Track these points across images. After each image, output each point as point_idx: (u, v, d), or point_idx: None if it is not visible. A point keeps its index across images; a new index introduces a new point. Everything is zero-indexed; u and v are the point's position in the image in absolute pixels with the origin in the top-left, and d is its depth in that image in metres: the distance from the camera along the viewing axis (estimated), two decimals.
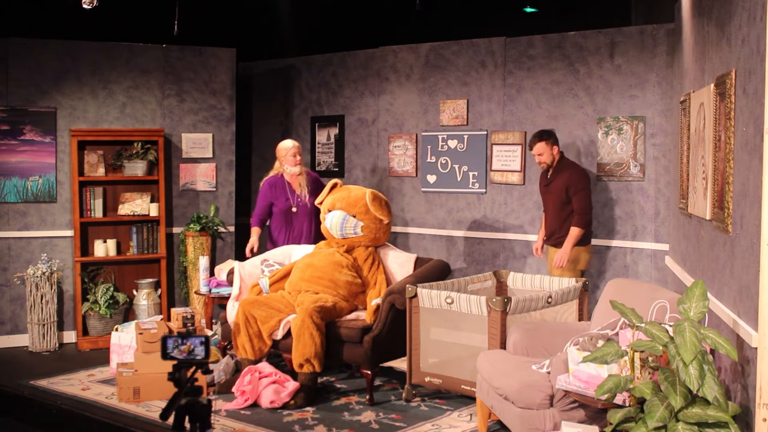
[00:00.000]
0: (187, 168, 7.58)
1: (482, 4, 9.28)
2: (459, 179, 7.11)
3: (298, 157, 6.47)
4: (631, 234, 6.33)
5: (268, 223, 6.68)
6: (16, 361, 6.60)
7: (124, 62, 7.34)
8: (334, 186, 6.19)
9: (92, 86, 7.24)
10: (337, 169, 7.84)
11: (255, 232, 6.59)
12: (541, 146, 6.00)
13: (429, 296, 5.16)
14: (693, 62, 4.88)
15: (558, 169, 6.04)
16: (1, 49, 6.95)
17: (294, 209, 6.45)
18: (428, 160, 7.28)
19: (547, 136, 6.02)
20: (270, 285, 5.97)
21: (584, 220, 5.95)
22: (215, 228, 7.58)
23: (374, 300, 5.67)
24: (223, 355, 6.05)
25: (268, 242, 6.69)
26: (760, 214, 3.15)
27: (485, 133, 6.98)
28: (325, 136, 7.90)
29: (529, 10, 9.94)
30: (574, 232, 5.94)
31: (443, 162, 7.19)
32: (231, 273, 6.22)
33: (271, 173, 6.64)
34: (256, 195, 8.41)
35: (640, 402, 3.47)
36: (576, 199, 5.94)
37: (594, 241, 6.45)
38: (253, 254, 6.49)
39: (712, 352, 3.57)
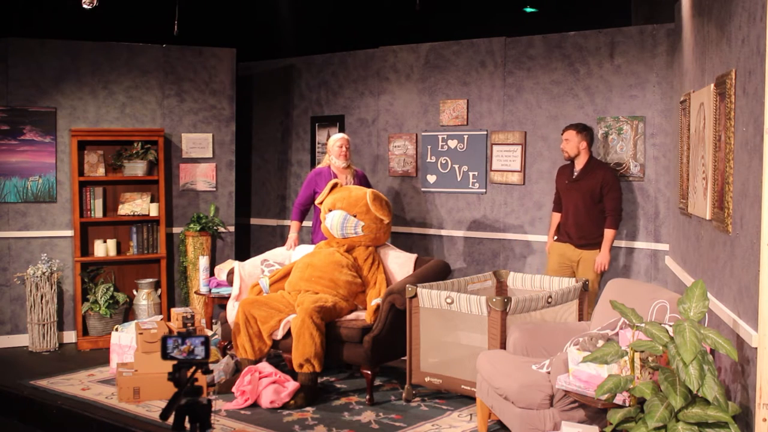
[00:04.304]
0: (187, 168, 7.58)
1: (482, 4, 9.28)
2: (459, 179, 7.11)
3: (344, 149, 6.45)
4: (631, 234, 6.33)
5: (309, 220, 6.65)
6: (16, 361, 6.60)
7: (124, 62, 7.34)
8: (335, 186, 6.19)
9: (92, 86, 7.24)
10: None
11: (295, 227, 6.50)
12: (570, 133, 5.96)
13: (429, 296, 5.16)
14: (693, 62, 4.89)
15: (589, 168, 5.97)
16: (1, 49, 6.95)
17: None
18: (428, 160, 7.28)
19: (581, 128, 5.99)
20: (270, 285, 5.97)
21: (618, 221, 5.93)
22: (215, 228, 7.58)
23: (374, 300, 5.67)
24: (223, 355, 6.05)
25: (312, 234, 6.69)
26: (760, 214, 3.15)
27: (485, 133, 6.97)
28: (325, 136, 7.89)
29: (529, 10, 9.93)
30: (610, 234, 5.89)
31: (443, 162, 7.19)
32: (231, 273, 6.22)
33: (320, 165, 6.66)
34: (256, 195, 8.47)
35: (640, 402, 3.47)
36: (609, 199, 5.89)
37: None
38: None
39: (712, 352, 3.57)
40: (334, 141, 6.49)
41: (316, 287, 5.77)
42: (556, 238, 6.19)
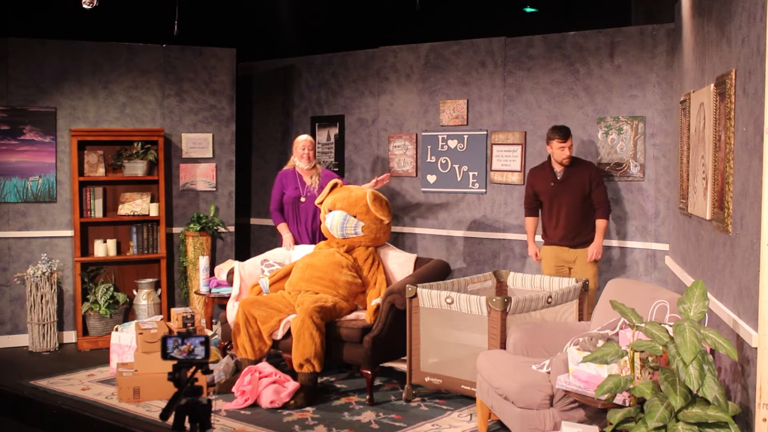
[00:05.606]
0: (187, 168, 7.58)
1: (482, 4, 9.28)
2: (459, 179, 7.11)
3: (307, 151, 6.48)
4: (631, 234, 6.33)
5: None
6: (16, 361, 6.60)
7: (124, 62, 7.34)
8: (335, 186, 6.19)
9: (92, 86, 7.24)
10: (337, 169, 7.83)
11: (284, 228, 6.55)
12: (571, 139, 5.94)
13: (429, 296, 5.16)
14: (693, 62, 4.89)
15: (574, 166, 5.98)
16: (1, 49, 6.95)
17: (303, 199, 6.45)
18: (428, 160, 7.28)
19: (570, 131, 6.00)
20: (270, 285, 5.98)
21: (608, 212, 5.97)
22: (215, 228, 7.58)
23: (374, 300, 5.67)
24: (223, 355, 6.05)
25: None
26: (760, 214, 3.15)
27: (485, 133, 6.97)
28: (325, 136, 7.90)
29: (529, 10, 9.94)
30: (602, 224, 5.93)
31: (443, 162, 7.19)
32: (231, 273, 6.22)
33: (286, 166, 6.69)
34: (256, 195, 8.47)
35: (640, 402, 3.47)
36: (598, 192, 5.92)
37: None
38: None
39: (712, 352, 3.58)
40: (297, 143, 6.56)
41: (316, 287, 5.77)
42: (544, 242, 6.16)
